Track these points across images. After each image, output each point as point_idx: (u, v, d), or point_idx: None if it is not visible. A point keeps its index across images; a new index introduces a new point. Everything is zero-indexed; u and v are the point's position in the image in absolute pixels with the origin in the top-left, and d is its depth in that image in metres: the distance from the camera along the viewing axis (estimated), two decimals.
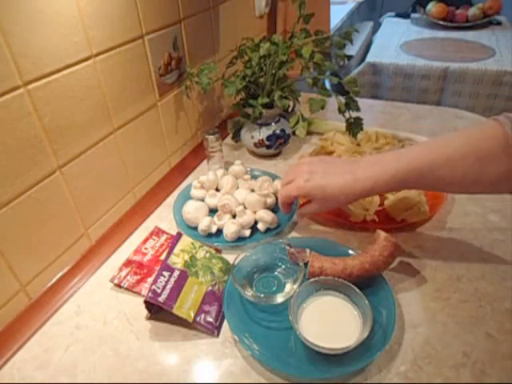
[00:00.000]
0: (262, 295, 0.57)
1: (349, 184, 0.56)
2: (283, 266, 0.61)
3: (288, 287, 0.58)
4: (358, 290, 0.51)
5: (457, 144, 0.49)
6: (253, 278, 0.60)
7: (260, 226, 0.69)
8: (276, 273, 0.61)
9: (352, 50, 2.13)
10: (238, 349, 0.52)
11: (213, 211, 0.73)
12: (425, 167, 0.50)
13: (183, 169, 0.90)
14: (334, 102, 0.83)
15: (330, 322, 0.51)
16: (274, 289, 0.58)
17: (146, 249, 0.66)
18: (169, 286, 0.55)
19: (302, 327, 0.50)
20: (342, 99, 0.83)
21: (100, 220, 0.70)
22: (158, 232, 0.70)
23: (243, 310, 0.56)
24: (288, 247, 0.60)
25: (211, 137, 0.80)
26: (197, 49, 0.88)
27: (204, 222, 0.68)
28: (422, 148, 0.53)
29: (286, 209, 0.66)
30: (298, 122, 0.84)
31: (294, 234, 0.70)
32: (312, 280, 0.54)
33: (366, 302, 0.50)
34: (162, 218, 0.76)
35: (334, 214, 0.71)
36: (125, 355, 0.52)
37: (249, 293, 0.56)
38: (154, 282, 0.55)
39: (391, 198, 0.70)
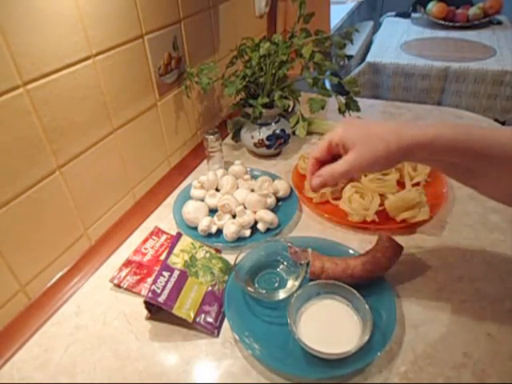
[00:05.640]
0: (264, 291, 0.57)
1: (403, 127, 0.43)
2: (285, 263, 0.61)
3: (290, 283, 0.58)
4: (358, 294, 0.51)
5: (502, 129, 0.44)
6: (255, 274, 0.60)
7: (260, 226, 0.69)
8: (278, 270, 0.61)
9: (352, 49, 2.13)
10: (239, 349, 0.52)
11: (213, 211, 0.72)
12: (487, 131, 0.42)
13: (183, 169, 0.90)
14: (334, 101, 0.83)
15: (330, 326, 0.51)
16: (276, 285, 0.59)
17: (145, 249, 0.66)
18: (169, 286, 0.55)
19: (301, 331, 0.50)
20: (342, 99, 0.83)
21: (100, 220, 0.70)
22: (157, 232, 0.70)
23: (244, 307, 0.56)
24: (290, 244, 0.60)
25: (211, 137, 0.80)
26: (197, 48, 0.88)
27: (204, 222, 0.68)
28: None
29: (312, 172, 0.49)
30: (297, 122, 0.84)
31: (294, 234, 0.70)
32: (312, 283, 0.54)
33: (367, 306, 0.50)
34: (162, 218, 0.76)
35: (334, 214, 0.71)
36: (124, 355, 0.52)
37: (251, 289, 0.56)
38: (154, 282, 0.55)
39: (391, 197, 0.70)
